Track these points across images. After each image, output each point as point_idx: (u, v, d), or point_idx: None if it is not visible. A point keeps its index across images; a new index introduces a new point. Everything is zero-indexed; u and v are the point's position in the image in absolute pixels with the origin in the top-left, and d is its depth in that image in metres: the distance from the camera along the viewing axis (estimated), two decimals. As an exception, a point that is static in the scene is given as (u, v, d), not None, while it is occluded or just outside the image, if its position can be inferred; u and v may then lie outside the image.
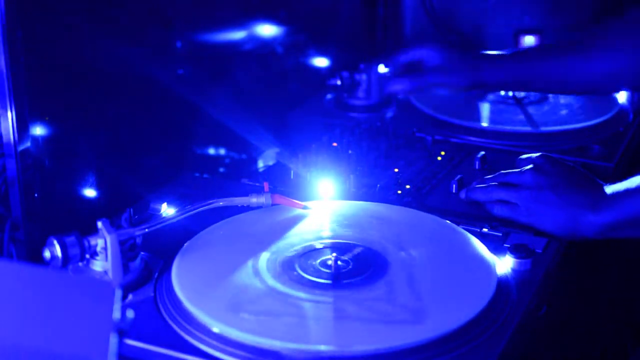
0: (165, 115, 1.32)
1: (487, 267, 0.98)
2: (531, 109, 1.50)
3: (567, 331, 1.20)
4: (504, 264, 1.00)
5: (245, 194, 1.09)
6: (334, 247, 1.02)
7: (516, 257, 1.00)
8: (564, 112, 1.50)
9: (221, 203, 1.06)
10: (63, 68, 1.12)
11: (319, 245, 1.03)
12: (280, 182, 1.24)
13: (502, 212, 1.11)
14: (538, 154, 1.15)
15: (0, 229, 1.06)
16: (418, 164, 1.30)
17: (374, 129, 1.42)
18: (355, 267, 0.98)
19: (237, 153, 1.50)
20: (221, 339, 0.86)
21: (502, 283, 0.96)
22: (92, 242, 0.94)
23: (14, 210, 1.07)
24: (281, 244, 1.03)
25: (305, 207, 1.12)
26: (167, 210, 1.14)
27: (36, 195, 1.09)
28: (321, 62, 1.70)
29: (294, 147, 1.35)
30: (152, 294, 0.96)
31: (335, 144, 1.35)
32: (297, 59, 1.65)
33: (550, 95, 1.55)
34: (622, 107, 1.49)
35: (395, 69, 1.42)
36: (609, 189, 1.06)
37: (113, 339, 0.68)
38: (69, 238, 0.92)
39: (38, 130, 1.09)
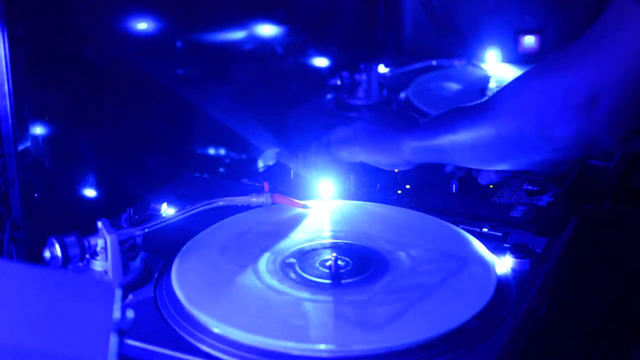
0: (166, 115, 1.32)
1: (487, 267, 0.98)
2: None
3: (567, 331, 1.19)
4: (503, 264, 1.00)
5: (245, 194, 1.09)
6: (334, 247, 1.02)
7: (516, 257, 1.00)
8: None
9: (221, 203, 1.06)
10: (63, 68, 1.12)
11: (319, 245, 1.03)
12: (280, 182, 1.24)
13: (337, 150, 1.19)
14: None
15: (0, 229, 1.06)
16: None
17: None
18: (355, 267, 0.98)
19: (237, 153, 1.50)
20: (221, 339, 0.86)
21: (502, 283, 0.95)
22: (92, 242, 0.94)
23: (14, 210, 1.07)
24: (281, 243, 1.03)
25: (305, 207, 1.12)
26: (167, 210, 1.14)
27: (36, 195, 1.09)
28: (321, 62, 1.70)
29: (294, 147, 1.35)
30: (152, 294, 0.95)
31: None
32: (297, 59, 1.65)
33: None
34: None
35: None
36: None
37: (113, 339, 0.68)
38: (69, 238, 0.92)
39: (38, 130, 1.09)
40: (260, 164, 1.46)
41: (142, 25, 1.26)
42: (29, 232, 1.08)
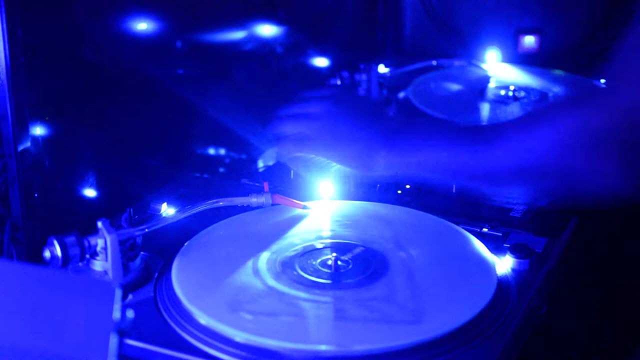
0: (166, 115, 1.32)
1: (487, 267, 0.98)
2: (530, 108, 1.50)
3: (567, 331, 1.19)
4: (504, 264, 1.00)
5: (245, 194, 1.09)
6: (334, 247, 1.02)
7: (516, 257, 1.00)
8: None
9: (221, 203, 1.06)
10: (63, 68, 1.12)
11: (319, 245, 1.03)
12: (280, 182, 1.24)
13: (287, 150, 1.05)
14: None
15: (0, 229, 1.06)
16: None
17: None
18: (355, 266, 0.98)
19: (237, 153, 1.50)
20: (221, 338, 0.86)
21: (502, 283, 0.95)
22: (92, 242, 0.94)
23: (14, 211, 1.07)
24: (281, 244, 1.03)
25: (305, 207, 1.12)
26: (167, 210, 1.14)
27: (36, 195, 1.09)
28: (321, 62, 1.70)
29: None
30: (152, 294, 0.95)
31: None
32: (297, 59, 1.65)
33: (550, 95, 1.55)
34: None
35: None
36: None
37: (113, 339, 0.68)
38: (69, 238, 0.92)
39: (38, 130, 1.09)
40: (260, 164, 1.46)
41: (143, 26, 1.26)
42: (29, 232, 1.08)
